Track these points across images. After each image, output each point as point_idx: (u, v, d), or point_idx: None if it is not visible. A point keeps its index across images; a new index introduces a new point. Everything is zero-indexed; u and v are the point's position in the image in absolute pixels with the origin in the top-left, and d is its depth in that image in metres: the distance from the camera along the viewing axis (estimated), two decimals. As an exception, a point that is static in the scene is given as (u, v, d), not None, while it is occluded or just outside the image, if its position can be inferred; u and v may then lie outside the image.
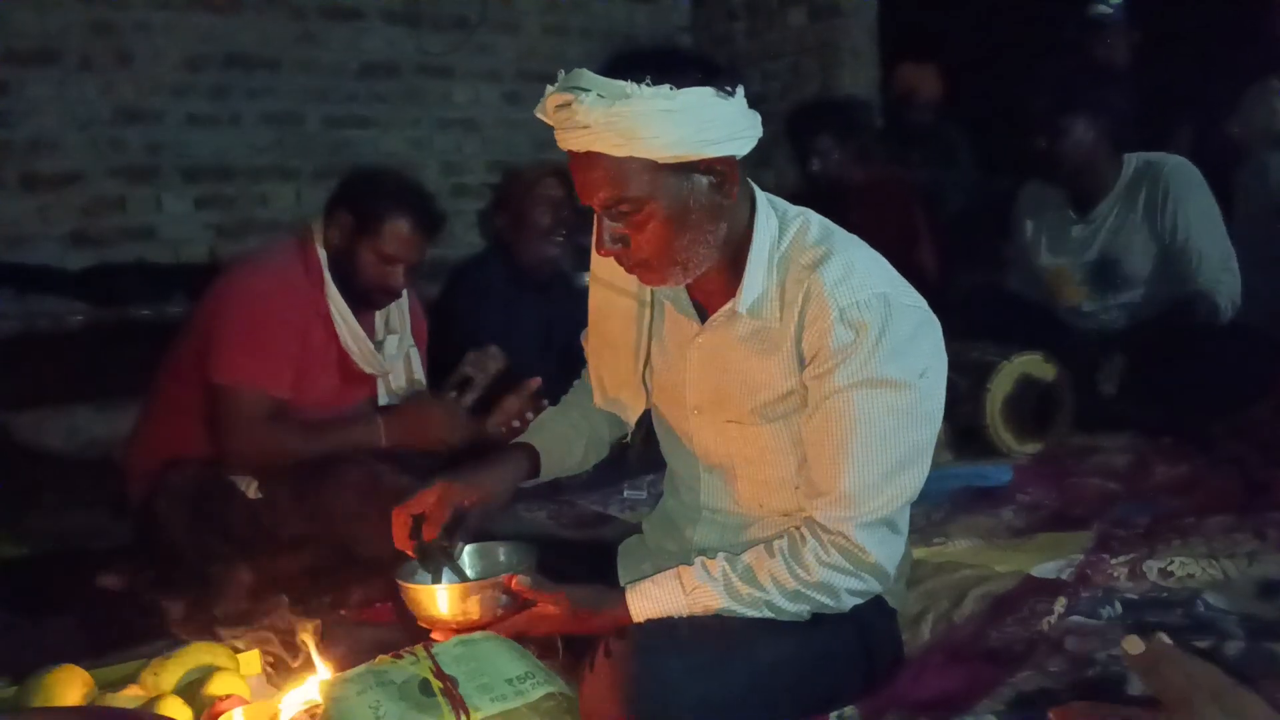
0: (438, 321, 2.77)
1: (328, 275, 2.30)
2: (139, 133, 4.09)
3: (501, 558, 1.62)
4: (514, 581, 1.44)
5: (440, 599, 1.47)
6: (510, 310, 3.04)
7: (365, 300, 2.35)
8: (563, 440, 1.70)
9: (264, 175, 4.38)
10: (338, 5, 4.54)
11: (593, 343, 1.66)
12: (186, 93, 4.19)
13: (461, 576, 1.56)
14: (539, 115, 1.37)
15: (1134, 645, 0.77)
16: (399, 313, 2.48)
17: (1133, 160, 3.11)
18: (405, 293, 2.45)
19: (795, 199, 1.54)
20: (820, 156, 3.75)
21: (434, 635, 1.46)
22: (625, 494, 2.74)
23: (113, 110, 4.04)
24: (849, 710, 1.48)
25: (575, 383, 1.81)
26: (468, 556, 1.61)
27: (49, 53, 3.88)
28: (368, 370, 2.39)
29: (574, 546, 1.90)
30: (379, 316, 2.45)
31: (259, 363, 2.20)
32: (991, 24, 4.89)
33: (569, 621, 1.43)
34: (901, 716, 1.48)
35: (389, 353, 2.44)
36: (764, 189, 1.48)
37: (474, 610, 1.44)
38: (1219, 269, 3.00)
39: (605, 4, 5.34)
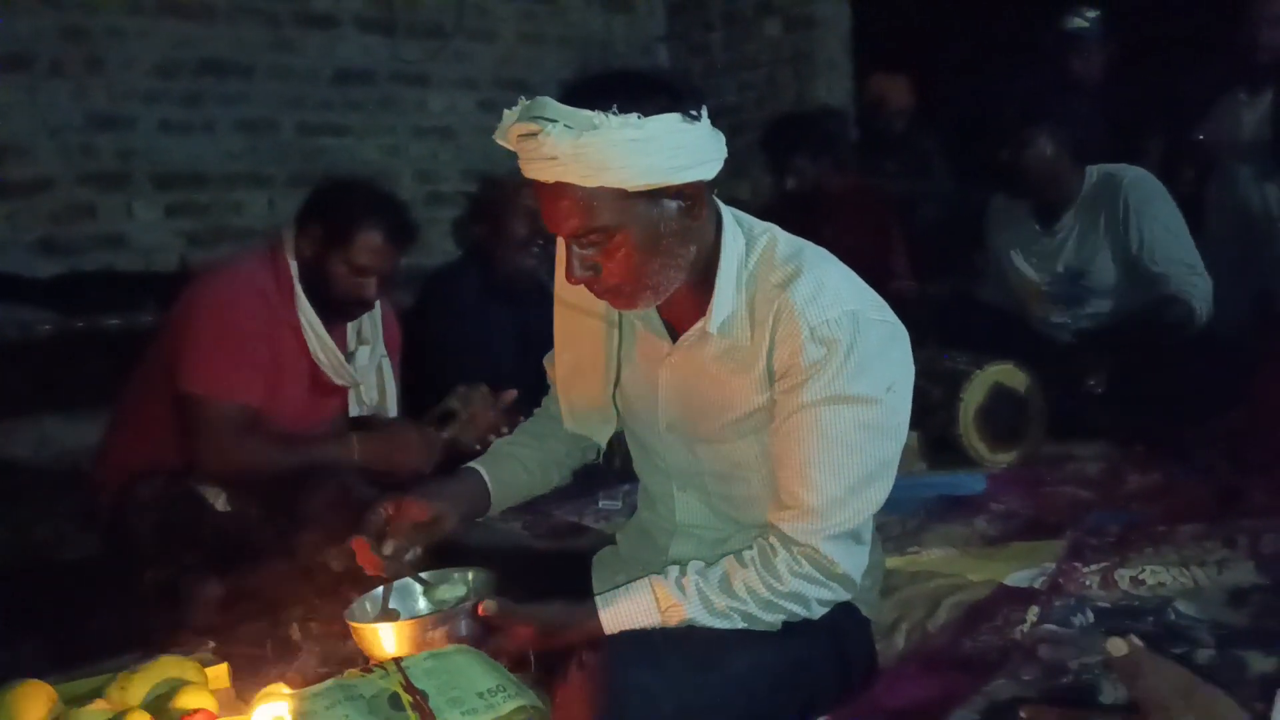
0: (413, 331, 2.76)
1: (298, 286, 2.29)
2: (110, 139, 4.05)
3: (461, 585, 1.58)
4: (480, 608, 1.41)
5: (401, 635, 1.41)
6: (486, 320, 3.03)
7: (337, 311, 2.33)
8: (517, 469, 1.68)
9: (237, 183, 4.35)
10: (312, 12, 4.52)
11: (561, 366, 1.64)
12: (159, 99, 4.15)
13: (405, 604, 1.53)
14: (499, 141, 1.35)
15: (1117, 648, 0.77)
16: (371, 323, 2.46)
17: (1093, 173, 3.14)
18: (378, 303, 2.43)
19: (771, 210, 1.54)
20: (796, 174, 3.77)
21: None
22: (600, 504, 2.73)
23: (84, 116, 3.99)
24: (823, 720, 1.48)
25: (537, 410, 1.79)
26: (419, 586, 1.58)
27: (19, 58, 3.84)
28: (338, 382, 2.38)
29: (547, 558, 1.90)
30: (350, 327, 2.43)
31: (229, 372, 2.18)
32: (965, 35, 4.93)
33: (539, 641, 1.42)
34: (875, 725, 1.49)
35: (360, 364, 2.42)
36: (740, 200, 1.49)
37: (438, 642, 1.39)
38: (1188, 274, 3.03)
39: (582, 13, 5.34)
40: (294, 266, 2.29)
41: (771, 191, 3.97)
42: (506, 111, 1.33)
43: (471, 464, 1.67)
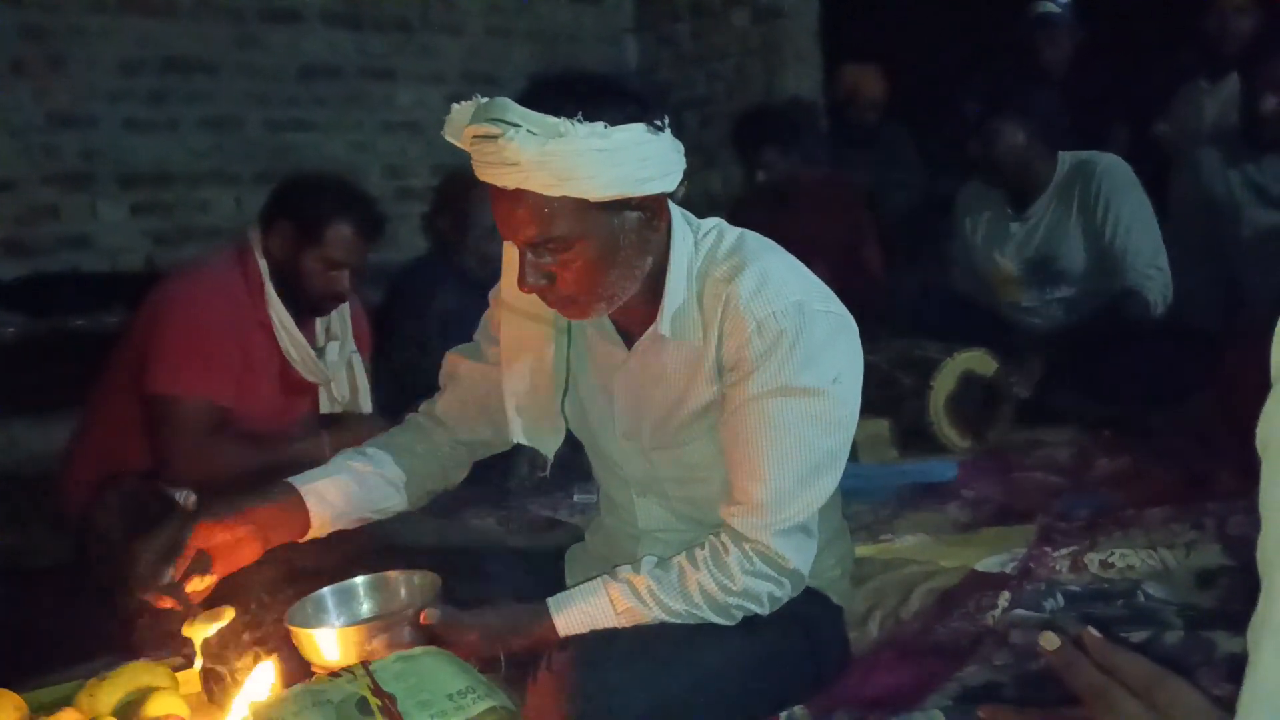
0: (382, 326, 2.74)
1: (268, 284, 2.27)
2: (73, 139, 4.00)
3: (402, 590, 1.54)
4: (422, 617, 1.37)
5: (342, 642, 1.38)
6: (456, 314, 3.01)
7: (311, 307, 2.33)
8: (351, 490, 1.56)
9: (203, 181, 4.31)
10: (277, 7, 4.47)
11: (508, 375, 1.55)
12: (122, 98, 4.10)
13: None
14: (449, 138, 1.31)
15: (1050, 641, 0.77)
16: (340, 319, 2.45)
17: (1067, 159, 3.17)
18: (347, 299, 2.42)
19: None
20: (766, 167, 3.77)
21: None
22: (575, 498, 2.73)
23: (46, 116, 3.94)
24: (798, 710, 1.48)
25: (409, 416, 1.70)
26: (364, 590, 1.54)
27: (-22, 58, 3.80)
28: (310, 378, 2.37)
29: (521, 554, 1.88)
30: (319, 323, 2.42)
31: (199, 371, 2.16)
32: (934, 25, 4.95)
33: (486, 647, 1.38)
34: (851, 714, 1.49)
35: (330, 359, 2.41)
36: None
37: (380, 650, 1.35)
38: (1147, 266, 3.06)
39: (549, 5, 5.32)
40: (263, 265, 2.28)
41: (742, 183, 3.98)
42: (456, 107, 1.29)
43: (291, 480, 1.54)
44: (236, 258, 2.30)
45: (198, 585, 1.44)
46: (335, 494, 1.54)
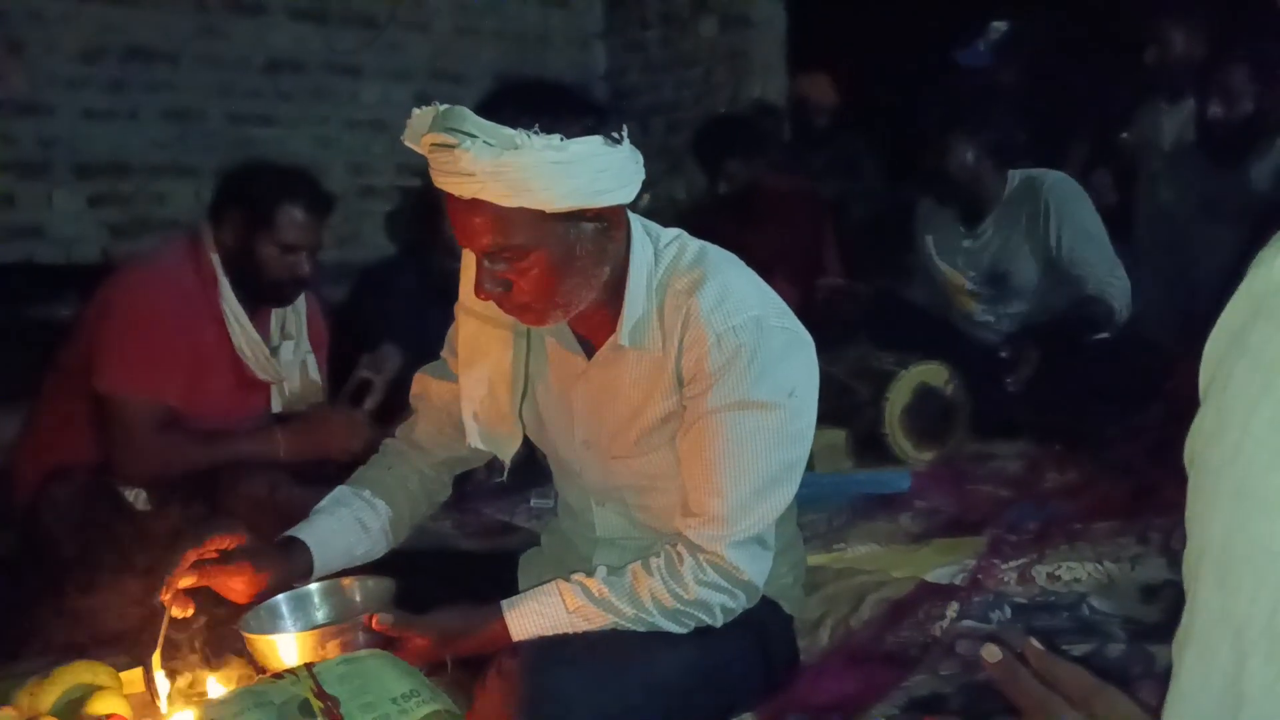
0: (344, 326, 2.72)
1: (222, 278, 2.25)
2: (30, 126, 3.95)
3: (356, 596, 1.54)
4: (374, 621, 1.37)
5: (294, 647, 1.38)
6: (420, 316, 2.99)
7: (273, 295, 2.30)
8: (349, 529, 1.57)
9: (162, 173, 4.26)
10: (242, -1, 4.45)
11: (466, 381, 1.55)
12: (82, 86, 4.05)
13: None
14: (408, 144, 1.31)
15: (991, 654, 0.78)
16: (295, 318, 2.43)
17: (1016, 176, 3.21)
18: (302, 299, 2.40)
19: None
20: (727, 178, 3.78)
21: None
22: (532, 503, 2.72)
23: (2, 103, 3.88)
24: (747, 716, 1.50)
25: (386, 441, 1.70)
26: (318, 596, 1.54)
27: (-67, 42, 3.74)
28: (262, 376, 2.34)
29: (475, 557, 1.88)
30: (274, 321, 2.40)
31: (147, 370, 2.13)
32: (898, 37, 5.00)
33: (439, 650, 1.40)
34: (799, 721, 1.51)
35: (284, 359, 2.39)
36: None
37: (333, 655, 1.34)
38: (1106, 275, 3.11)
39: (518, 7, 5.31)
40: (215, 259, 2.25)
41: (705, 191, 3.99)
42: (417, 112, 1.29)
43: (296, 533, 1.54)
44: (188, 250, 2.27)
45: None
46: (337, 557, 1.56)
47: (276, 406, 2.41)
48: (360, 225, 4.42)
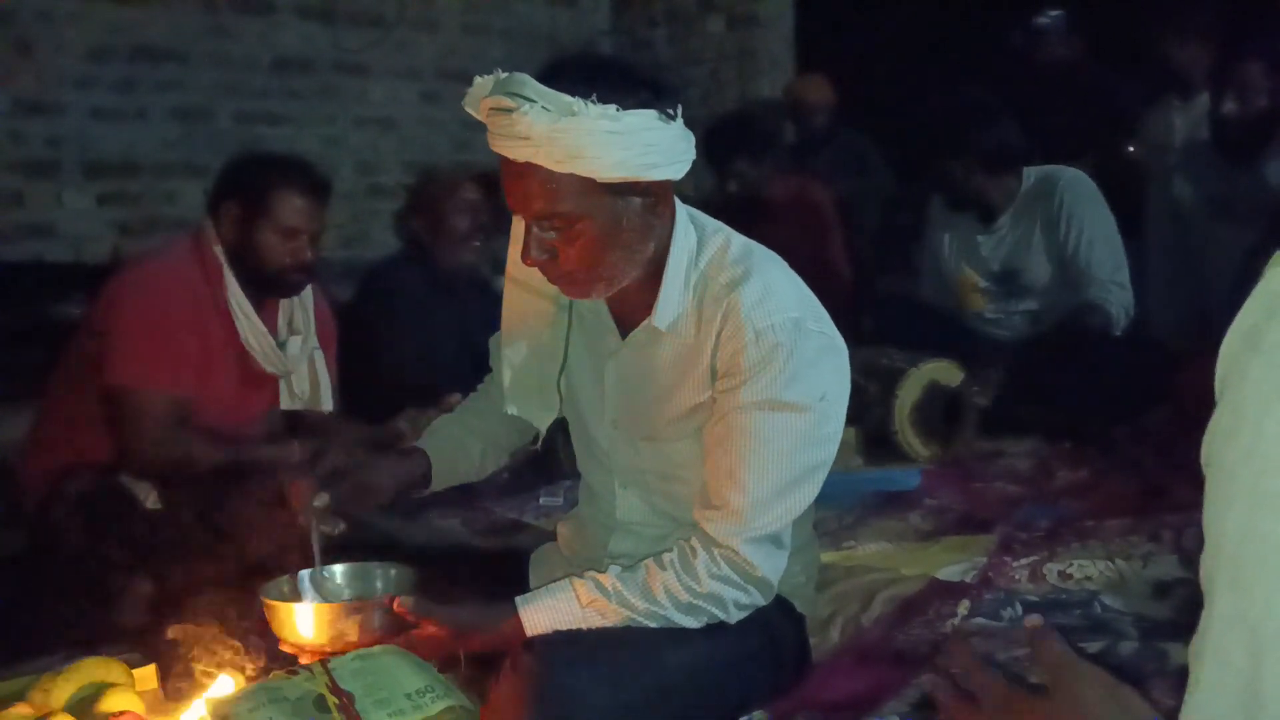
0: (352, 324, 2.72)
1: (227, 271, 2.26)
2: (40, 125, 3.96)
3: (379, 579, 1.57)
4: (395, 603, 1.40)
5: (315, 618, 1.40)
6: (427, 314, 3.00)
7: (279, 285, 2.31)
8: (458, 447, 1.68)
9: (171, 172, 4.27)
10: (250, -2, 4.46)
11: (508, 347, 1.61)
12: (91, 85, 4.06)
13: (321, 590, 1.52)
14: (467, 109, 1.34)
15: (1033, 623, 0.79)
16: (303, 313, 2.43)
17: (1032, 173, 3.21)
18: (311, 294, 2.41)
19: (713, 208, 1.55)
20: (736, 177, 3.78)
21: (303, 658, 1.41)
22: (541, 500, 2.71)
23: (12, 102, 3.90)
24: (758, 714, 1.49)
25: (479, 387, 1.78)
26: (342, 577, 1.57)
27: (-57, 42, 3.75)
28: (269, 369, 2.34)
29: (485, 556, 1.89)
30: (281, 316, 2.40)
31: (157, 362, 2.14)
32: (908, 35, 5.00)
33: (453, 642, 1.41)
34: (810, 718, 1.50)
35: (291, 354, 2.39)
36: (683, 195, 1.49)
37: (350, 632, 1.39)
38: (1108, 281, 3.10)
39: (527, 6, 5.32)
40: (220, 252, 2.26)
41: (714, 188, 3.99)
42: (479, 79, 1.32)
43: (417, 443, 1.67)
44: (192, 246, 2.28)
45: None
46: (451, 462, 1.66)
47: (285, 403, 2.42)
48: (369, 224, 4.44)
